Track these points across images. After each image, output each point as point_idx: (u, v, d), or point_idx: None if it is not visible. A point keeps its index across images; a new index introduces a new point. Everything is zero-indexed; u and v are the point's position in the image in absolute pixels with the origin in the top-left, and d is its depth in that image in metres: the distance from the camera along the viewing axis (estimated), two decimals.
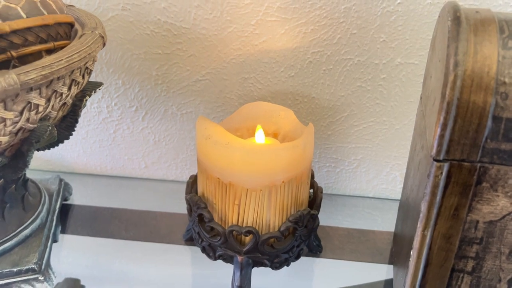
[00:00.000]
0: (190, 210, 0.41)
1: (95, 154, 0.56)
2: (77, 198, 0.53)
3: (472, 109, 0.28)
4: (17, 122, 0.31)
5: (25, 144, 0.33)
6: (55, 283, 0.41)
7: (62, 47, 0.36)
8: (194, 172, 0.55)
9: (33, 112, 0.31)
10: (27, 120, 0.31)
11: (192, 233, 0.44)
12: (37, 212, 0.43)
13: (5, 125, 0.30)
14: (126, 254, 0.46)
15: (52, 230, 0.44)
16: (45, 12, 0.35)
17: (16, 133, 0.32)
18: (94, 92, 0.38)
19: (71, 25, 0.38)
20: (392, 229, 0.49)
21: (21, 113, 0.31)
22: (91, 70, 0.37)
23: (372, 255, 0.46)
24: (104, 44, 0.37)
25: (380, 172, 0.53)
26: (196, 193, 0.42)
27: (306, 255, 0.46)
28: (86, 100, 0.38)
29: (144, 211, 0.52)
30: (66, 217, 0.50)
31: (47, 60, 0.31)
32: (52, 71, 0.30)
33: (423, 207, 0.31)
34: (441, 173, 0.29)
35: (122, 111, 0.53)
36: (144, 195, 0.55)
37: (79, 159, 0.57)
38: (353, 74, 0.48)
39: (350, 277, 0.44)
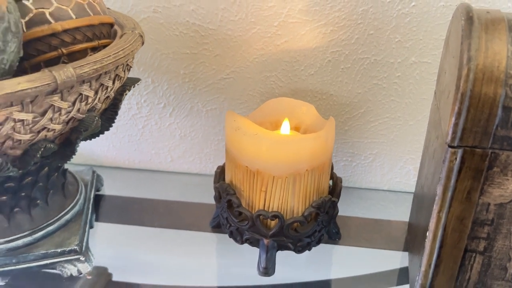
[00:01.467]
0: (219, 197, 0.45)
1: (124, 149, 0.60)
2: (108, 189, 0.56)
3: (483, 100, 0.30)
4: (69, 112, 0.34)
5: (74, 133, 0.37)
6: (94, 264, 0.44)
7: (104, 46, 0.39)
8: (217, 166, 0.58)
9: (83, 103, 0.35)
10: (78, 110, 0.35)
11: (218, 220, 0.47)
12: (75, 199, 0.46)
13: (60, 114, 0.33)
14: (155, 241, 0.49)
15: (89, 217, 0.47)
16: (91, 13, 0.38)
17: (67, 122, 0.35)
18: (133, 87, 0.42)
19: (111, 25, 0.42)
20: (406, 220, 0.52)
21: (74, 103, 0.34)
22: (130, 67, 0.41)
23: (387, 242, 0.49)
24: (142, 43, 0.40)
25: (394, 166, 0.56)
26: (224, 181, 0.45)
27: (326, 242, 0.48)
28: (126, 94, 0.41)
29: (171, 201, 0.55)
30: (99, 206, 0.53)
31: (97, 56, 0.34)
32: (102, 65, 0.34)
33: (439, 190, 0.34)
34: (455, 158, 0.32)
35: (150, 108, 0.57)
36: (170, 187, 0.58)
37: (109, 153, 0.60)
38: (369, 72, 0.51)
39: (367, 263, 0.47)
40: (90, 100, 0.35)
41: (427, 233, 0.36)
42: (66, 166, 0.48)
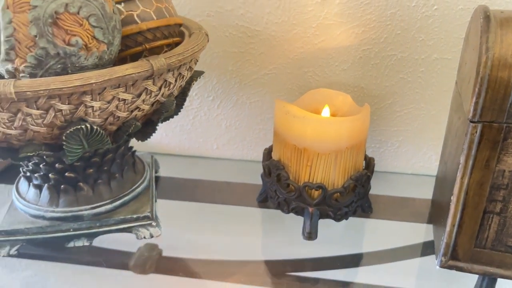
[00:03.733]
0: (268, 173, 0.52)
1: (175, 137, 0.67)
2: (162, 172, 0.64)
3: (499, 82, 0.37)
4: (157, 95, 0.41)
5: (156, 114, 0.44)
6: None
7: (176, 43, 0.47)
8: (257, 152, 0.66)
9: (166, 89, 0.42)
10: (162, 94, 0.42)
11: (265, 195, 0.55)
12: (144, 176, 0.54)
13: (150, 96, 0.41)
14: (208, 214, 0.56)
15: (154, 192, 0.55)
16: (167, 15, 0.46)
17: (152, 104, 0.43)
18: (199, 78, 0.49)
19: (180, 25, 0.49)
20: (429, 198, 0.58)
21: (160, 88, 0.41)
22: (197, 60, 0.48)
23: (413, 216, 0.56)
24: (208, 41, 0.48)
25: (418, 152, 0.63)
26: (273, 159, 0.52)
27: (360, 216, 0.55)
28: (193, 84, 0.49)
29: (219, 182, 0.62)
30: (157, 185, 0.61)
31: (179, 50, 0.42)
32: (184, 57, 0.41)
33: (462, 159, 0.40)
34: (476, 132, 0.39)
35: (201, 100, 0.64)
36: (215, 171, 0.66)
37: (162, 141, 0.68)
38: (396, 67, 0.58)
39: (395, 234, 0.54)
40: (171, 86, 0.43)
41: (452, 198, 0.42)
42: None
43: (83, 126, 0.37)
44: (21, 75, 0.36)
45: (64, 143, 0.38)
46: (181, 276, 0.47)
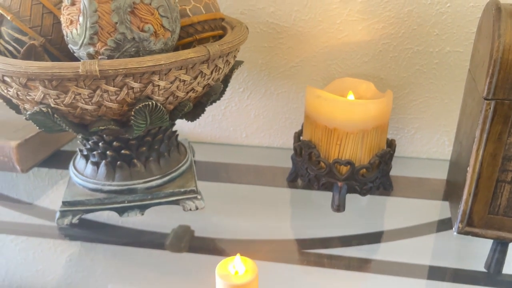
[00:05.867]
0: (300, 152, 0.57)
1: (207, 126, 0.73)
2: (197, 157, 0.69)
3: (510, 64, 0.43)
4: (209, 79, 0.47)
5: (205, 96, 0.50)
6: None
7: (220, 35, 0.53)
8: (283, 140, 0.71)
9: (216, 73, 0.48)
10: (213, 78, 0.48)
11: (294, 175, 0.60)
12: (186, 157, 0.59)
13: (203, 79, 0.47)
14: (240, 194, 0.62)
15: (195, 169, 0.60)
16: (213, 10, 0.52)
17: (204, 87, 0.48)
18: (240, 66, 0.55)
19: (222, 20, 0.55)
20: (444, 178, 0.64)
21: (211, 72, 0.47)
22: (238, 50, 0.54)
23: (430, 193, 0.61)
24: (248, 33, 0.54)
25: (432, 138, 0.69)
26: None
27: (381, 194, 0.61)
28: (235, 72, 0.54)
29: (250, 165, 0.68)
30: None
31: (228, 39, 0.48)
32: (233, 45, 0.47)
33: (477, 133, 0.46)
34: (490, 108, 0.45)
35: (232, 92, 0.70)
36: (245, 156, 0.71)
37: (195, 130, 0.74)
38: (413, 60, 0.64)
39: (414, 210, 0.59)
40: (220, 71, 0.49)
41: (468, 169, 0.48)
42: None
43: (149, 103, 0.43)
44: (99, 57, 0.41)
45: (132, 118, 0.44)
46: (214, 255, 0.52)
